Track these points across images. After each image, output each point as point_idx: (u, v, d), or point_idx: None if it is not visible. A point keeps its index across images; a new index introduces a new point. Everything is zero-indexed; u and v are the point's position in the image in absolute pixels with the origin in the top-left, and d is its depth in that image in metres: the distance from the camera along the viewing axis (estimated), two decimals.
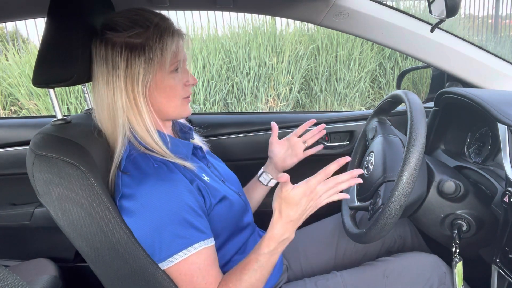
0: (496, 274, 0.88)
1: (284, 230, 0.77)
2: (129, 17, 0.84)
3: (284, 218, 0.77)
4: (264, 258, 0.78)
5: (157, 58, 0.82)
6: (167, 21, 0.86)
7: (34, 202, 1.46)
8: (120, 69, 0.82)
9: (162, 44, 0.82)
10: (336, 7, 1.23)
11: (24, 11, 1.26)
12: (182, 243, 0.77)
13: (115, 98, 0.83)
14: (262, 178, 1.19)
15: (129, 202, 0.79)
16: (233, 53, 4.69)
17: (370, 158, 1.06)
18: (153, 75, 0.83)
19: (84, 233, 0.80)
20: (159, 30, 0.83)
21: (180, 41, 0.86)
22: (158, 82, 0.84)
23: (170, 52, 0.83)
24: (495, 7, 6.94)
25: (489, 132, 1.09)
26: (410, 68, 1.96)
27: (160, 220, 0.77)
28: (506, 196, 0.82)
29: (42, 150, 0.78)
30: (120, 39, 0.82)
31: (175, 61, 0.85)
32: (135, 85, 0.82)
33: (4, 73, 4.50)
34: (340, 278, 1.00)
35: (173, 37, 0.84)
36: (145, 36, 0.82)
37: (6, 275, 0.53)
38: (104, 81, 0.83)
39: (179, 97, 0.88)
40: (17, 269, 1.31)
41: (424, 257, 1.03)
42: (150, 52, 0.81)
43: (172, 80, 0.86)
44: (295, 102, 4.85)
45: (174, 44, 0.84)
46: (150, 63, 0.82)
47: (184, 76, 0.89)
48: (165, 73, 0.84)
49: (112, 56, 0.82)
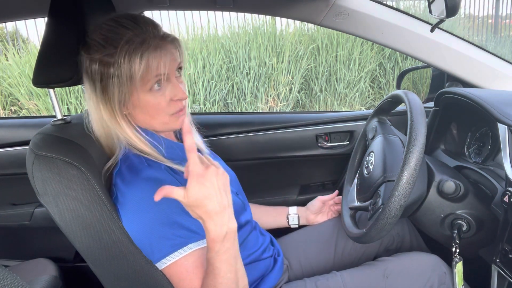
0: (496, 274, 0.88)
1: (218, 226, 0.68)
2: (104, 35, 0.79)
3: (209, 218, 0.67)
4: (215, 261, 0.71)
5: (126, 78, 0.78)
6: (143, 35, 0.79)
7: (34, 202, 1.46)
8: (97, 86, 0.80)
9: (130, 64, 0.77)
10: (336, 7, 1.23)
11: (24, 11, 1.26)
12: (173, 244, 0.76)
13: (99, 110, 0.82)
14: (291, 218, 1.25)
15: (121, 204, 0.79)
16: (233, 53, 4.69)
17: (370, 158, 1.06)
18: (128, 94, 0.80)
19: (84, 233, 0.80)
20: (129, 48, 0.77)
21: (160, 55, 0.78)
22: (135, 102, 0.81)
23: (139, 72, 0.77)
24: (495, 7, 6.94)
25: (489, 132, 1.09)
26: (410, 68, 1.96)
27: (150, 222, 0.76)
28: (506, 196, 0.82)
29: (42, 150, 0.78)
30: (95, 56, 0.79)
31: (149, 78, 0.79)
32: (112, 104, 0.80)
33: (4, 73, 4.50)
34: (340, 278, 1.00)
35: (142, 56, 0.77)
36: (114, 57, 0.77)
37: (6, 275, 0.53)
38: (88, 92, 0.83)
39: (165, 113, 0.83)
40: (17, 269, 1.31)
41: (424, 257, 1.03)
42: (120, 73, 0.78)
43: (152, 98, 0.81)
44: (295, 102, 4.85)
45: (144, 63, 0.77)
46: (121, 84, 0.78)
47: (170, 91, 0.82)
48: (141, 92, 0.80)
49: (91, 71, 0.80)
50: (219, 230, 0.68)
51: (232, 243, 0.71)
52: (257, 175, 1.33)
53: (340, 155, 1.53)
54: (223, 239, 0.69)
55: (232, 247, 0.71)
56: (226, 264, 0.71)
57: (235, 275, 0.73)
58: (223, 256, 0.70)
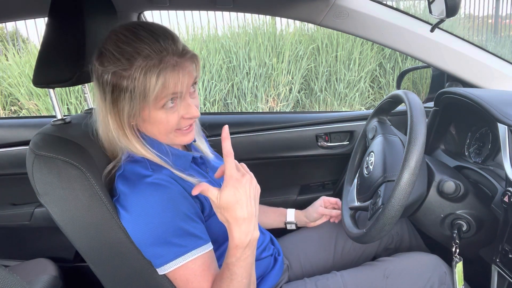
0: (496, 274, 0.88)
1: (242, 234, 0.70)
2: (119, 47, 0.75)
3: (235, 224, 0.69)
4: (234, 267, 0.73)
5: (140, 95, 0.75)
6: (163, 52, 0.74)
7: (34, 202, 1.46)
8: (107, 98, 0.78)
9: (145, 82, 0.73)
10: (336, 7, 1.23)
11: (24, 11, 1.26)
12: (178, 251, 0.76)
13: (107, 119, 0.80)
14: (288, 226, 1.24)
15: (124, 207, 0.78)
16: (233, 53, 4.69)
17: (370, 158, 1.06)
18: (138, 110, 0.77)
19: (84, 233, 0.80)
20: (145, 65, 0.73)
21: (175, 73, 0.75)
22: (145, 117, 0.79)
23: (154, 90, 0.74)
24: (495, 7, 6.94)
25: (489, 132, 1.09)
26: (410, 68, 1.96)
27: (155, 229, 0.76)
28: (506, 196, 0.82)
29: (42, 150, 0.78)
30: (108, 67, 0.76)
31: (163, 96, 0.76)
32: (121, 116, 0.79)
33: (4, 73, 4.50)
34: (340, 278, 1.00)
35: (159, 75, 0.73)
36: (129, 71, 0.74)
37: (6, 275, 0.53)
38: (98, 99, 0.81)
39: (172, 129, 0.82)
40: (17, 269, 1.31)
41: (425, 257, 1.03)
42: (133, 89, 0.75)
43: (163, 115, 0.78)
44: (295, 102, 4.85)
45: (160, 82, 0.73)
46: (133, 99, 0.76)
47: (183, 109, 0.80)
48: (153, 108, 0.77)
49: (102, 82, 0.78)
50: (244, 237, 0.70)
51: (253, 251, 0.74)
52: (257, 175, 1.31)
53: (340, 155, 1.53)
54: (246, 247, 0.71)
55: (251, 254, 0.74)
56: (243, 270, 0.73)
57: (249, 280, 0.76)
58: (243, 263, 0.73)
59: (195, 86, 0.84)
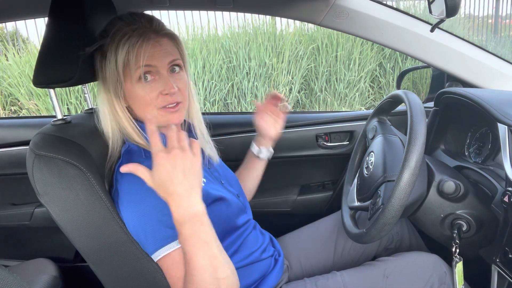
0: (496, 274, 0.88)
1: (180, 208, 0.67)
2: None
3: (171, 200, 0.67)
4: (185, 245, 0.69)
5: (116, 66, 0.82)
6: (134, 25, 0.82)
7: (34, 202, 1.46)
8: (99, 77, 0.86)
9: (117, 51, 0.81)
10: (336, 7, 1.23)
11: (24, 11, 1.26)
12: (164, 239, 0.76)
13: (104, 103, 0.86)
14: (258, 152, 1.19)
15: (118, 196, 0.80)
16: (233, 53, 4.69)
17: (370, 158, 1.06)
18: (122, 84, 0.83)
19: (84, 233, 0.80)
20: (117, 37, 0.81)
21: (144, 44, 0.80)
22: (127, 91, 0.84)
23: (121, 59, 0.80)
24: (495, 7, 6.94)
25: (489, 132, 1.09)
26: (410, 68, 1.96)
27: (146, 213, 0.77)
28: (506, 196, 0.82)
29: (42, 150, 0.78)
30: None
31: (136, 67, 0.80)
32: (111, 93, 0.85)
33: (4, 73, 4.50)
34: (340, 278, 1.00)
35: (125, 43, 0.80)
36: (109, 45, 0.82)
37: (6, 275, 0.53)
38: (98, 87, 0.88)
39: (153, 106, 0.83)
40: (17, 269, 1.31)
41: (424, 256, 1.03)
42: (110, 62, 0.82)
43: (140, 90, 0.82)
44: (295, 102, 4.85)
45: (130, 50, 0.79)
46: (112, 72, 0.83)
47: (160, 84, 0.83)
48: (131, 82, 0.82)
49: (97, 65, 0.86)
50: (182, 212, 0.67)
51: (200, 227, 0.68)
52: None
53: (340, 155, 1.53)
54: (188, 222, 0.67)
55: (200, 231, 0.68)
56: (195, 248, 0.68)
57: (210, 263, 0.69)
58: (191, 240, 0.68)
59: (178, 68, 0.87)
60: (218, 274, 0.69)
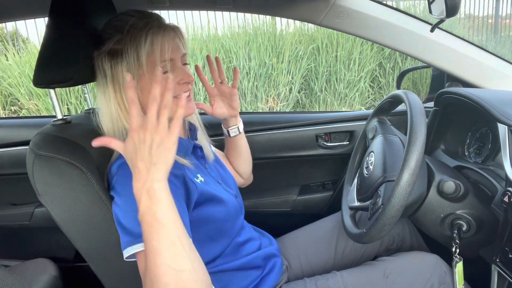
0: (496, 274, 0.88)
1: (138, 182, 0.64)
2: (111, 24, 0.85)
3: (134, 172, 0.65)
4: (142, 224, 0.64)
5: (134, 60, 0.82)
6: (146, 19, 0.84)
7: (34, 202, 1.46)
8: (107, 76, 0.84)
9: (136, 46, 0.81)
10: (336, 7, 1.23)
11: (24, 11, 1.26)
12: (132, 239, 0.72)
13: (110, 105, 0.84)
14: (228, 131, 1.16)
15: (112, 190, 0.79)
16: (233, 53, 4.69)
17: (370, 158, 1.06)
18: (137, 79, 0.83)
19: (84, 233, 0.80)
20: (135, 31, 0.82)
21: (163, 39, 0.82)
22: (144, 86, 0.83)
23: (145, 53, 0.81)
24: (495, 7, 6.94)
25: (489, 132, 1.09)
26: (410, 68, 1.96)
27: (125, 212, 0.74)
28: (506, 196, 0.82)
29: (42, 150, 0.78)
30: (105, 48, 0.83)
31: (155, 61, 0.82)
32: (123, 91, 0.83)
33: (4, 73, 4.50)
34: (340, 278, 1.00)
35: (147, 37, 0.81)
36: (123, 40, 0.82)
37: (6, 275, 0.53)
38: (100, 88, 0.86)
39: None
40: (17, 269, 1.31)
41: (424, 256, 1.03)
42: (128, 57, 0.82)
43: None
44: (295, 102, 4.85)
45: (148, 45, 0.81)
46: (129, 68, 0.82)
47: (177, 74, 0.86)
48: (148, 75, 0.82)
49: (102, 65, 0.84)
50: (139, 186, 0.64)
51: (156, 205, 0.63)
52: (257, 175, 1.33)
53: (340, 155, 1.53)
54: (142, 197, 0.63)
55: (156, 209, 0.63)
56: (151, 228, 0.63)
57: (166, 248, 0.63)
58: (146, 217, 0.63)
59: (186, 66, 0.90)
60: (175, 264, 0.62)
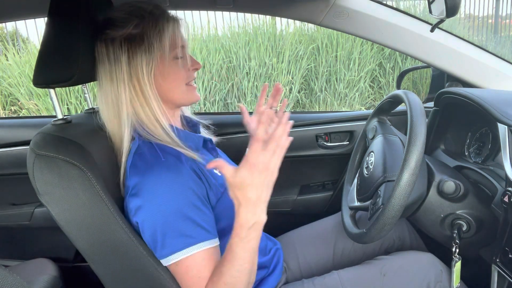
0: (496, 274, 0.88)
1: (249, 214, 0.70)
2: (124, 10, 0.86)
3: (244, 203, 0.70)
4: (236, 247, 0.72)
5: (156, 44, 0.84)
6: (160, 8, 0.88)
7: (34, 202, 1.46)
8: (122, 62, 0.83)
9: (159, 30, 0.84)
10: (336, 7, 1.23)
11: (24, 11, 1.26)
12: (186, 242, 0.76)
13: (119, 92, 0.84)
14: None
15: (135, 198, 0.79)
16: (233, 53, 4.69)
17: (370, 158, 1.06)
18: (155, 62, 0.84)
19: (85, 233, 0.80)
20: (154, 17, 0.84)
21: (177, 26, 0.87)
22: (161, 69, 0.86)
23: (168, 36, 0.84)
24: (495, 7, 6.94)
25: (489, 132, 1.09)
26: (410, 68, 1.96)
27: (165, 216, 0.76)
28: (506, 196, 0.82)
29: (42, 150, 0.78)
30: (118, 33, 0.83)
31: (175, 46, 0.86)
32: (140, 75, 0.84)
33: (4, 73, 4.50)
34: (338, 276, 1.00)
35: (169, 23, 0.85)
36: (141, 25, 0.84)
37: (6, 275, 0.53)
38: (107, 78, 0.85)
39: (182, 83, 0.89)
40: (17, 269, 1.31)
41: (421, 255, 1.03)
42: (149, 40, 0.83)
43: (176, 67, 0.87)
44: (295, 102, 4.85)
45: (171, 29, 0.85)
46: (150, 51, 0.83)
47: (188, 61, 0.90)
48: (166, 59, 0.85)
49: (113, 51, 0.84)
50: (250, 217, 0.70)
51: (256, 235, 0.72)
52: None
53: (340, 155, 1.53)
54: (250, 228, 0.71)
55: (255, 238, 0.73)
56: (246, 253, 0.73)
57: (250, 268, 0.74)
58: (246, 245, 0.72)
59: None
60: (251, 279, 0.77)
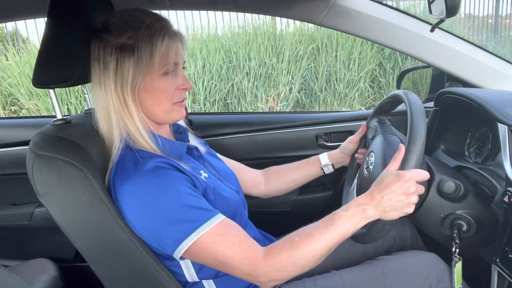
0: (496, 274, 0.88)
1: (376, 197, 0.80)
2: (122, 18, 0.84)
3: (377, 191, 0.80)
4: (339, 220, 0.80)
5: (146, 59, 0.82)
6: (161, 22, 0.85)
7: (34, 202, 1.46)
8: (110, 69, 0.83)
9: (152, 46, 0.82)
10: (336, 7, 1.23)
11: (24, 11, 1.26)
12: (190, 227, 0.75)
13: (107, 98, 0.84)
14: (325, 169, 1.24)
15: (125, 202, 0.79)
16: (233, 53, 4.69)
17: (370, 158, 1.06)
18: (142, 76, 0.83)
19: (84, 233, 0.80)
20: (150, 31, 0.83)
21: (174, 44, 0.85)
22: (147, 84, 0.84)
23: (159, 53, 0.82)
24: (495, 7, 6.94)
25: (489, 132, 1.09)
26: (410, 68, 1.96)
27: (160, 213, 0.76)
28: (506, 196, 0.82)
29: (42, 150, 0.78)
30: (112, 40, 0.82)
31: (166, 63, 0.84)
32: (124, 86, 0.83)
33: (4, 73, 4.50)
34: (339, 277, 1.00)
35: (164, 39, 0.83)
36: (135, 37, 0.82)
37: (6, 275, 0.53)
38: (97, 82, 0.85)
39: (169, 101, 0.87)
40: (17, 269, 1.31)
41: (423, 255, 1.03)
42: (140, 53, 0.82)
43: (163, 83, 0.85)
44: (295, 102, 4.85)
45: (164, 46, 0.83)
46: (139, 64, 0.82)
47: (178, 80, 0.88)
48: (155, 75, 0.84)
49: (103, 57, 0.83)
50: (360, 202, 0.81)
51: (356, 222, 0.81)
52: None
53: None
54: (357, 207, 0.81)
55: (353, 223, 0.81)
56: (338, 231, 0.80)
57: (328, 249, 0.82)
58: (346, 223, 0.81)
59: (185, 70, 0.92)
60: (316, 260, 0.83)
